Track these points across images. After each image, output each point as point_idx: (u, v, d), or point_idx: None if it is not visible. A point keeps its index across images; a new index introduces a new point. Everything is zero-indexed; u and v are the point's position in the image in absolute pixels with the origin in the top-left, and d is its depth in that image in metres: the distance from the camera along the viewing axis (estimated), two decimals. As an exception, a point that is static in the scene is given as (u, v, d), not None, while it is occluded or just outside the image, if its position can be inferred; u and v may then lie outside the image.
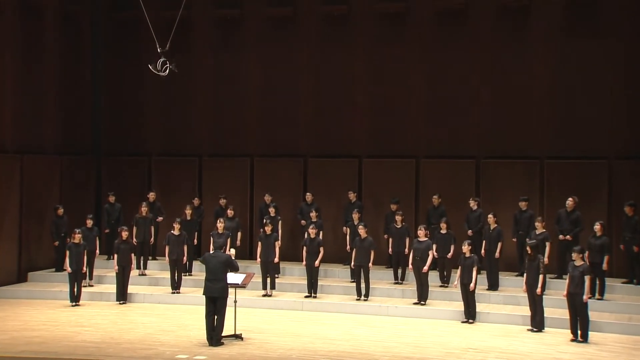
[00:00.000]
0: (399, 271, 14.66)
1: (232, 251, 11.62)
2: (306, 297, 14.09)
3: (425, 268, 13.36)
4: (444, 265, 14.29)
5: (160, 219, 16.04)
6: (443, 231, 14.20)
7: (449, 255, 14.12)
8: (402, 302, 13.71)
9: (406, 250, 14.39)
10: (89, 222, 15.10)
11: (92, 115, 17.93)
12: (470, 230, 14.52)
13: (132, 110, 17.84)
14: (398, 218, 14.58)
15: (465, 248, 12.72)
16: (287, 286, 14.74)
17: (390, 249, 14.71)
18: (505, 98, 15.61)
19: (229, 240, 14.51)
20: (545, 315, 12.16)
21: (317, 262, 13.91)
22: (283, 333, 12.14)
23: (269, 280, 14.28)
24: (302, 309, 13.82)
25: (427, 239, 13.55)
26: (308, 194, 15.80)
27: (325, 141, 16.62)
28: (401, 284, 14.58)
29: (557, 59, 15.32)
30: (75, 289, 14.07)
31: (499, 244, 13.94)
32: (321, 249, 13.95)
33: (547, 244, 13.48)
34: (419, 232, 13.58)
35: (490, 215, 14.06)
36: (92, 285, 15.19)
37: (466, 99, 15.79)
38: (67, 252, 14.07)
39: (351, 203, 15.56)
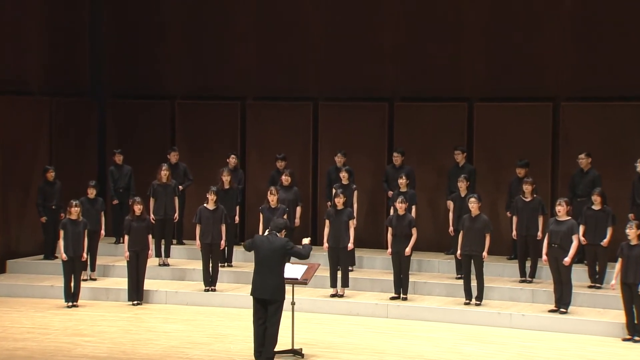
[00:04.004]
0: (528, 264, 14.49)
1: (306, 240, 11.50)
2: (392, 298, 14.09)
3: (567, 260, 13.12)
4: (596, 257, 14.06)
5: (181, 187, 16.08)
6: (595, 207, 13.91)
7: (604, 242, 13.88)
8: (532, 309, 13.58)
9: (539, 233, 14.25)
10: (92, 191, 15.17)
11: (91, 42, 18.00)
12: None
13: (147, 36, 17.87)
14: (527, 188, 14.34)
15: (632, 232, 12.42)
16: (365, 283, 14.74)
17: (514, 232, 14.56)
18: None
19: (285, 217, 14.44)
20: None
21: (407, 250, 13.91)
22: (360, 349, 12.10)
23: (339, 274, 14.26)
24: (387, 316, 13.84)
25: (570, 217, 13.27)
26: (396, 153, 15.71)
27: (419, 78, 16.49)
28: (531, 282, 14.45)
29: None
30: (73, 284, 14.20)
31: (682, 228, 13.66)
32: (414, 231, 13.94)
33: None
34: (558, 207, 13.29)
35: (666, 184, 13.84)
36: (94, 279, 15.35)
37: (628, 17, 15.37)
38: (61, 233, 14.17)
39: (458, 167, 15.45)
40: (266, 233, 11.46)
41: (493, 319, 13.34)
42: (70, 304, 14.15)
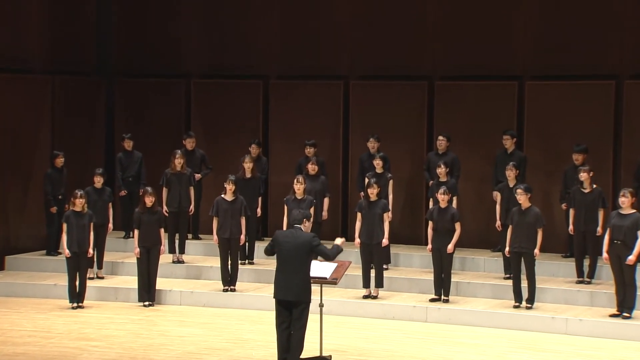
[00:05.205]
0: (586, 262, 14.49)
1: (339, 241, 11.41)
2: (432, 300, 14.12)
3: (632, 258, 13.00)
4: (665, 255, 14.03)
5: (199, 176, 16.21)
6: (665, 199, 13.97)
7: (675, 238, 13.86)
8: (591, 313, 13.52)
9: (599, 229, 14.22)
10: (99, 180, 15.23)
11: (98, 14, 18.07)
12: None
13: (159, 8, 17.96)
14: (584, 175, 14.28)
15: None
16: (402, 283, 14.80)
17: (570, 227, 14.55)
18: None
19: (312, 210, 14.44)
20: None
21: (450, 246, 13.94)
22: (396, 356, 12.11)
23: (373, 273, 14.28)
24: (426, 320, 13.89)
25: (634, 211, 13.15)
26: (441, 137, 15.70)
27: (463, 54, 16.44)
28: (589, 283, 14.43)
29: None
30: (78, 283, 14.27)
31: None
32: (457, 226, 13.95)
33: None
34: (621, 199, 13.17)
35: None
36: (102, 277, 15.46)
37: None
38: (64, 226, 14.21)
39: (507, 153, 15.47)
40: (290, 228, 11.46)
41: (546, 324, 13.31)
42: (75, 304, 14.22)
